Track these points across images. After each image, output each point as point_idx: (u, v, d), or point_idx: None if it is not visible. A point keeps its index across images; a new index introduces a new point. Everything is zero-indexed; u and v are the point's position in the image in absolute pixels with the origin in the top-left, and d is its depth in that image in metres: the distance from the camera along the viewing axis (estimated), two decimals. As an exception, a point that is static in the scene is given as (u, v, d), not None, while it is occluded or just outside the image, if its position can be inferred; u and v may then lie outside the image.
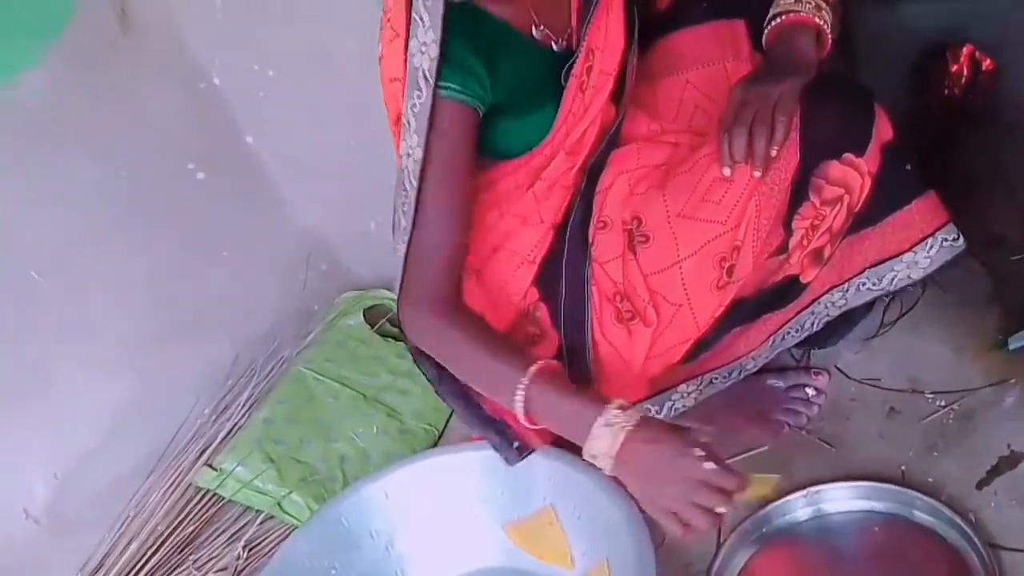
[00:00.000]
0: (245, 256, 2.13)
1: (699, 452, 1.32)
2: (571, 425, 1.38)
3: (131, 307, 1.96)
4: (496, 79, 1.45)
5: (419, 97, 1.42)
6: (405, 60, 1.42)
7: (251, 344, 2.11)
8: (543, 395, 1.39)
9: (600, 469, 1.38)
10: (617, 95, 1.59)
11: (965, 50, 2.09)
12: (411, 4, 1.41)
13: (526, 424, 1.41)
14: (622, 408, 1.36)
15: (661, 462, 1.33)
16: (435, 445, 1.92)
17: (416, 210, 1.46)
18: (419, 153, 1.43)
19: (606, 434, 1.34)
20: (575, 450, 1.47)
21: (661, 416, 1.71)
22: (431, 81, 1.41)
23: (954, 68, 2.10)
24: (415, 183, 1.45)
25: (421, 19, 1.40)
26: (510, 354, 1.44)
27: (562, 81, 1.52)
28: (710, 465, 1.31)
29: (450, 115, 1.43)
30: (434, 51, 1.40)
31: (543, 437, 1.53)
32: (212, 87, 2.09)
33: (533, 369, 1.39)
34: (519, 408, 1.40)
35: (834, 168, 1.47)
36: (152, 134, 2.00)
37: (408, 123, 1.44)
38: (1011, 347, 1.66)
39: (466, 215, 1.50)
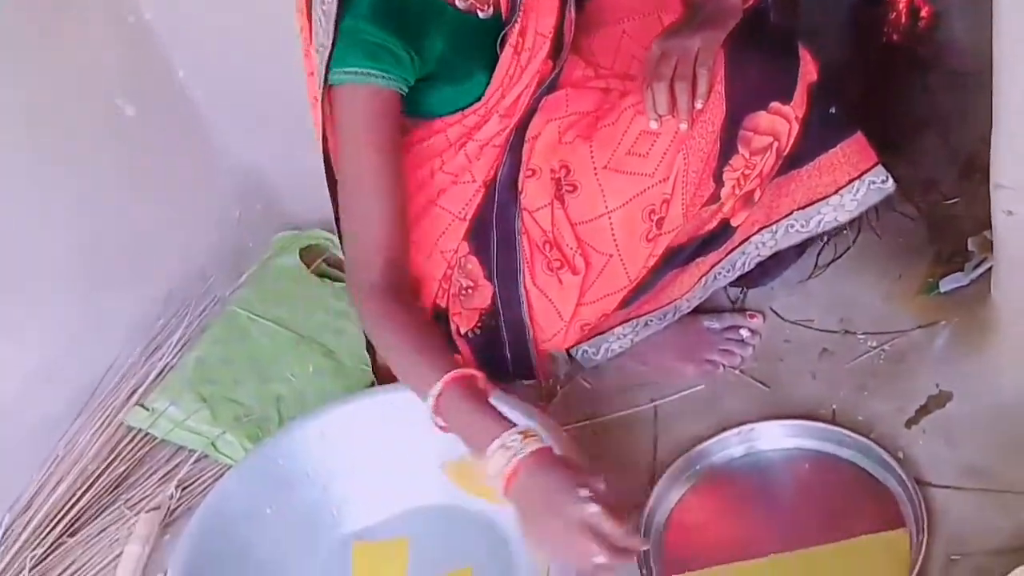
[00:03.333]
0: (177, 194, 2.09)
1: (585, 492, 1.25)
2: (474, 440, 1.35)
3: (58, 247, 1.91)
4: (422, 54, 1.44)
5: (316, 98, 1.44)
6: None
7: (184, 284, 2.07)
8: (452, 404, 1.37)
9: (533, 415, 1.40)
10: (555, 52, 1.58)
11: (904, -4, 2.11)
12: (311, 5, 1.42)
13: (437, 427, 1.39)
14: (523, 434, 1.31)
15: (545, 494, 1.27)
16: (372, 385, 1.90)
17: (338, 200, 1.49)
18: (321, 149, 1.47)
19: (500, 456, 1.30)
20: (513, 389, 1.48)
21: (598, 359, 1.72)
22: (321, 82, 1.42)
23: (892, 15, 2.11)
24: (325, 180, 1.49)
25: (320, 21, 1.40)
26: (432, 358, 1.41)
27: (497, 49, 1.51)
28: (594, 508, 1.23)
29: (366, 101, 1.43)
30: (325, 54, 1.40)
31: None
32: (141, 20, 2.03)
33: (447, 377, 1.37)
34: (430, 411, 1.38)
35: (762, 118, 1.48)
36: (77, 69, 1.93)
37: (315, 115, 1.46)
38: (942, 289, 1.69)
39: (391, 197, 1.47)
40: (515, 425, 1.33)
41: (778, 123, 1.49)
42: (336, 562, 1.61)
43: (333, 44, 1.40)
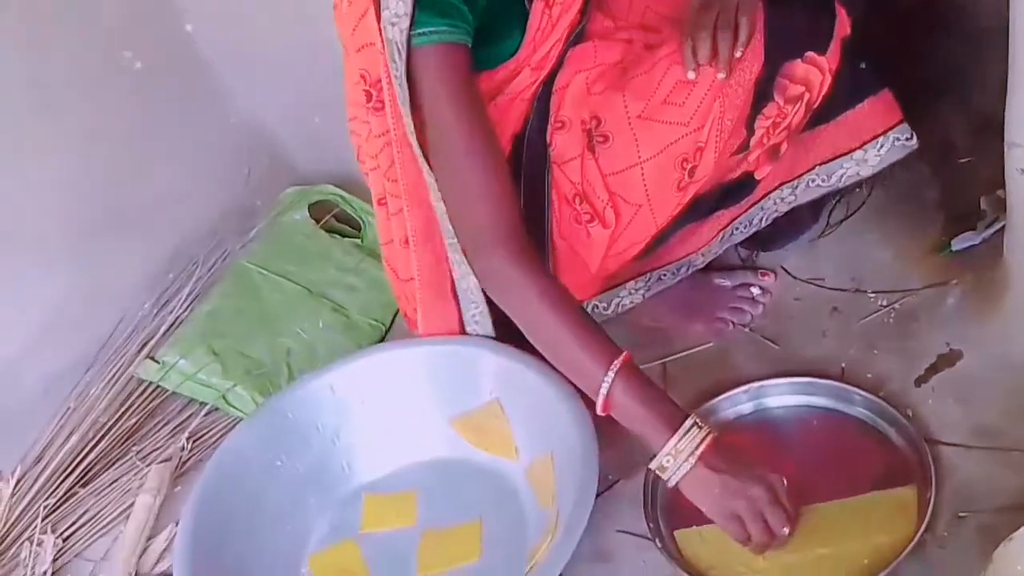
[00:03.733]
0: (186, 149, 2.09)
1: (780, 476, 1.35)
2: (654, 423, 1.35)
3: (67, 201, 1.92)
4: (473, 10, 1.42)
5: (396, 70, 1.39)
6: (380, 29, 1.39)
7: (193, 238, 2.07)
8: (626, 394, 1.36)
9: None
10: (584, 5, 1.56)
11: (928, -49, 2.08)
12: None
13: (600, 412, 1.39)
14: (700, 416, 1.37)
15: (747, 466, 1.34)
16: (382, 340, 1.91)
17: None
18: (411, 124, 1.41)
19: (695, 433, 1.33)
20: (523, 346, 1.48)
21: (608, 313, 1.73)
22: (403, 52, 1.38)
23: (916, -30, 2.08)
24: (419, 150, 1.43)
25: None
26: (595, 343, 1.39)
27: (526, 3, 1.49)
28: (784, 480, 1.35)
29: (445, 59, 1.40)
30: (405, 23, 1.37)
31: None
32: (149, -28, 2.02)
33: (618, 365, 1.36)
34: (599, 401, 1.38)
35: (798, 67, 1.48)
36: (85, 21, 1.93)
37: (397, 92, 1.41)
38: (954, 248, 1.68)
39: (498, 150, 1.45)
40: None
41: (812, 73, 1.49)
42: (346, 514, 1.62)
43: (413, 10, 1.36)
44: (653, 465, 1.35)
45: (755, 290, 1.75)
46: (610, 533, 1.50)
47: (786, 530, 1.34)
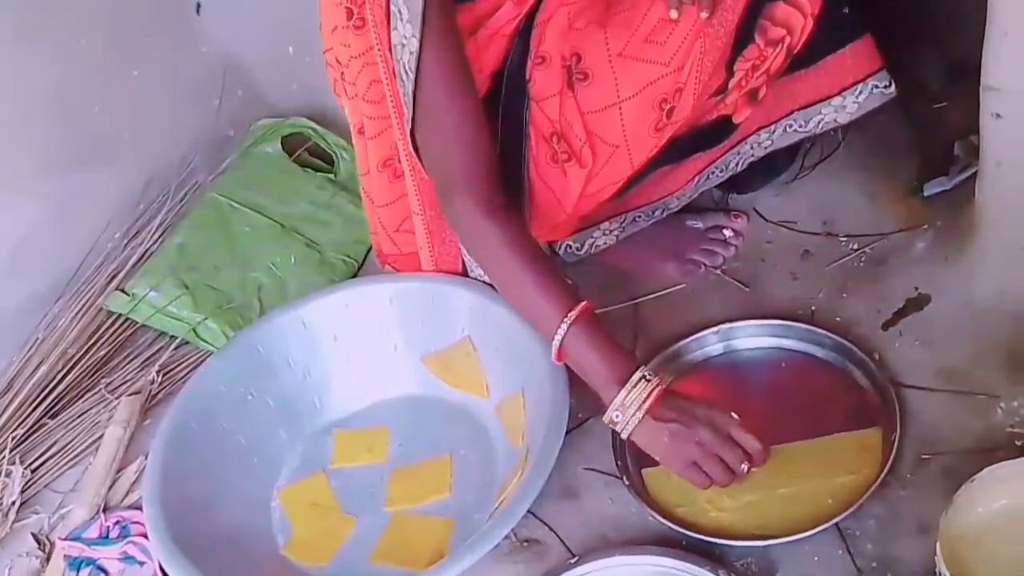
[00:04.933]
0: (157, 78, 2.05)
1: (731, 413, 1.36)
2: (601, 378, 1.36)
3: (37, 131, 1.89)
4: None
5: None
6: None
7: (164, 169, 2.05)
8: (579, 345, 1.37)
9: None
10: None
11: None
12: None
13: (555, 359, 1.41)
14: (649, 368, 1.37)
15: (696, 412, 1.34)
16: (354, 276, 1.90)
17: (418, 99, 1.40)
18: (415, 44, 1.37)
19: (643, 385, 1.34)
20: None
21: (581, 254, 1.73)
22: None
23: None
24: (412, 74, 1.39)
25: None
26: (554, 291, 1.39)
27: None
28: (736, 418, 1.35)
29: None
30: None
31: None
32: None
33: (574, 314, 1.37)
34: (553, 350, 1.39)
35: (779, 9, 1.47)
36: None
37: (399, 12, 1.37)
38: (926, 193, 1.69)
39: (467, 94, 1.43)
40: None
41: (794, 16, 1.48)
42: (316, 449, 1.63)
43: None
44: (605, 419, 1.37)
45: (727, 232, 1.75)
46: (578, 470, 1.51)
47: (744, 466, 1.35)
